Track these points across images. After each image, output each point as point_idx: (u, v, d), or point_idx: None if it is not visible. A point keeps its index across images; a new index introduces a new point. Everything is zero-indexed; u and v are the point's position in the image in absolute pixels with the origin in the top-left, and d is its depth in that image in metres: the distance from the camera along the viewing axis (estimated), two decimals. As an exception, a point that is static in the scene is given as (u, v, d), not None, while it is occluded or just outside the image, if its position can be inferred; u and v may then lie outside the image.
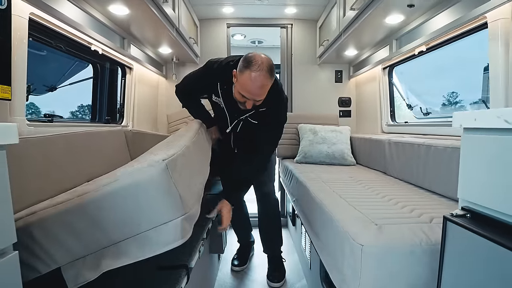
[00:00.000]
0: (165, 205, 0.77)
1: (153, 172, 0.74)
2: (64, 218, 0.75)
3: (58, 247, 0.76)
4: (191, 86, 1.71)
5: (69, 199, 0.75)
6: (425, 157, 1.48)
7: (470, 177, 0.70)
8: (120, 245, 0.77)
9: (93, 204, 0.74)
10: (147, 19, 1.82)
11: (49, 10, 1.30)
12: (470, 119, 0.68)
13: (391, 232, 0.87)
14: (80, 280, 0.76)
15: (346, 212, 1.07)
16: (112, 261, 0.77)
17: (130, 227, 0.76)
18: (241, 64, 1.36)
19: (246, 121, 1.61)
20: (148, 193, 0.75)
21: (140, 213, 0.76)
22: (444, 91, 2.16)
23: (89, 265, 0.77)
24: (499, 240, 0.58)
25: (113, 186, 0.74)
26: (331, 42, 2.45)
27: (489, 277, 0.60)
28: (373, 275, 0.83)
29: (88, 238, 0.76)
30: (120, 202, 0.74)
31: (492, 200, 0.64)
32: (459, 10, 1.46)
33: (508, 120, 0.58)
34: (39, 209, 0.76)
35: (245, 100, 1.39)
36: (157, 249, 0.78)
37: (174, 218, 0.78)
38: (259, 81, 1.32)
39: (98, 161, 1.54)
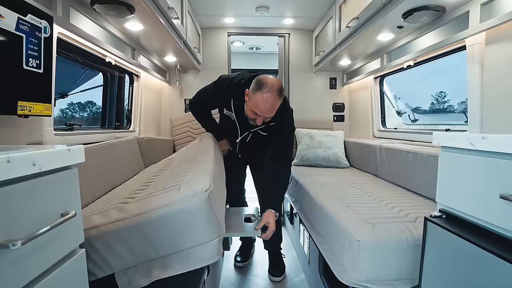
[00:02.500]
0: (206, 228, 0.92)
1: (199, 201, 0.89)
2: (122, 234, 0.89)
3: (114, 257, 0.90)
4: (204, 102, 1.88)
5: (126, 218, 0.90)
6: (413, 163, 1.66)
7: (445, 185, 0.87)
8: (166, 259, 0.92)
9: (147, 224, 0.89)
10: (158, 32, 1.95)
11: (73, 29, 1.42)
12: (446, 139, 0.85)
13: (383, 230, 1.04)
14: (133, 285, 0.91)
15: (344, 213, 1.23)
16: (160, 271, 0.91)
17: (176, 245, 0.91)
18: (253, 85, 1.52)
19: (256, 133, 1.77)
20: (194, 218, 0.90)
21: (186, 234, 0.90)
22: (434, 91, 2.33)
23: (140, 274, 0.91)
24: (467, 237, 0.75)
25: (166, 210, 0.88)
26: (327, 53, 2.62)
27: (459, 266, 0.77)
28: (369, 265, 1.00)
29: (140, 251, 0.91)
30: (170, 224, 0.89)
31: (462, 204, 0.81)
32: (443, 33, 1.64)
33: (473, 143, 0.75)
34: (99, 224, 0.90)
35: (256, 117, 1.55)
36: (197, 264, 0.93)
37: (212, 239, 0.93)
38: (269, 102, 1.47)
39: (119, 169, 1.68)
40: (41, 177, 0.57)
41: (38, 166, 0.55)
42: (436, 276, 0.86)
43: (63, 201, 0.64)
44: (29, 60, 0.96)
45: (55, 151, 0.60)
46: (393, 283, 0.99)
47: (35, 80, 1.00)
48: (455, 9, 1.48)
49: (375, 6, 1.63)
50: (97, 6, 1.44)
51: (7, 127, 1.05)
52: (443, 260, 0.84)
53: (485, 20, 1.31)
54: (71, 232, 0.67)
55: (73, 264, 0.68)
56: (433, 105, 2.37)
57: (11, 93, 0.91)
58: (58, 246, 0.63)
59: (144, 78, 2.56)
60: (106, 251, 0.89)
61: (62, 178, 0.64)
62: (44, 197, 0.58)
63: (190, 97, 3.11)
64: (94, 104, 2.83)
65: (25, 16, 0.93)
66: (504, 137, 0.67)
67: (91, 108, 2.95)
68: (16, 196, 0.51)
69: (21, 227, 0.52)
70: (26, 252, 0.53)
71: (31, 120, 1.18)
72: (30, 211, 0.55)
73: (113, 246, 0.89)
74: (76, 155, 0.68)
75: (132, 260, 0.91)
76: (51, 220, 0.58)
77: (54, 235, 0.60)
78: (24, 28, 0.93)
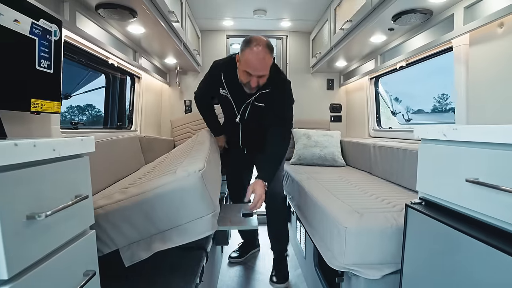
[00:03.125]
0: (200, 204, 1.01)
1: (193, 180, 0.98)
2: (124, 213, 0.98)
3: (119, 234, 0.99)
4: (202, 90, 1.90)
5: (127, 198, 0.99)
6: (403, 159, 1.73)
7: (424, 174, 0.95)
8: (165, 233, 1.01)
9: (147, 203, 0.98)
10: (159, 35, 2.03)
11: (79, 33, 1.50)
12: (423, 132, 0.93)
13: (369, 218, 1.12)
14: (135, 258, 1.00)
15: (335, 204, 1.31)
16: (160, 244, 1.01)
17: (174, 220, 1.00)
18: (242, 45, 1.52)
19: (253, 106, 1.70)
20: (189, 195, 0.99)
21: (182, 210, 1.00)
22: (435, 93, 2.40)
23: (142, 247, 1.00)
24: (442, 219, 0.82)
25: (163, 189, 0.98)
26: (323, 54, 2.71)
27: (436, 246, 0.84)
28: (355, 250, 1.07)
29: (142, 227, 1.00)
30: (167, 201, 0.98)
31: (437, 191, 0.88)
32: (431, 35, 1.72)
33: (446, 134, 0.83)
34: (104, 204, 0.99)
35: (250, 78, 1.51)
36: (193, 237, 1.02)
37: (206, 214, 1.03)
38: (260, 54, 1.45)
39: (121, 164, 1.75)
40: (60, 162, 0.65)
41: (58, 152, 0.62)
42: (416, 257, 0.93)
43: (77, 185, 0.72)
44: (41, 61, 1.04)
45: (71, 140, 0.68)
46: (378, 266, 1.06)
47: (46, 80, 1.08)
48: (441, 12, 1.56)
49: (366, 9, 1.71)
50: (102, 11, 1.52)
51: (20, 123, 1.13)
52: (422, 243, 0.91)
53: (468, 22, 1.39)
54: (83, 213, 0.74)
55: (84, 242, 0.76)
56: (435, 107, 2.44)
57: (25, 91, 0.99)
58: (72, 224, 0.70)
59: (145, 79, 2.64)
60: (112, 229, 0.98)
61: (76, 165, 0.71)
62: (62, 179, 0.66)
63: (190, 98, 3.23)
64: (94, 107, 2.91)
65: (38, 21, 1.01)
66: (471, 128, 0.74)
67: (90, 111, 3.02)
68: (40, 176, 0.59)
69: (44, 203, 0.60)
70: (47, 225, 0.61)
71: (41, 117, 1.26)
72: (51, 190, 0.62)
73: (117, 224, 0.98)
74: (87, 145, 0.76)
75: (134, 236, 1.00)
76: (67, 200, 0.66)
77: (69, 214, 0.68)
78: (37, 31, 1.01)
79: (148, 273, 1.11)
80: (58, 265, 0.64)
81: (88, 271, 0.76)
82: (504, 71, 1.28)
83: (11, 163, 0.52)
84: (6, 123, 1.02)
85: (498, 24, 1.27)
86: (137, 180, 1.26)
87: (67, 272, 0.68)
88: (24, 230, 0.55)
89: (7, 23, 0.89)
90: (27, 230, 0.56)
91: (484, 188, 0.68)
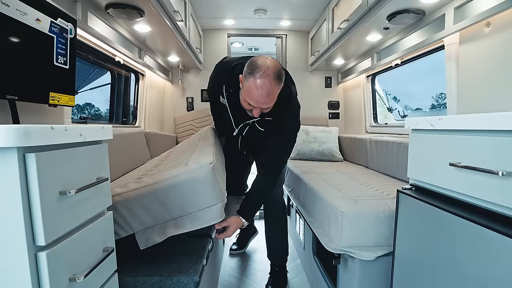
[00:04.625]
0: (211, 194, 1.09)
1: (205, 171, 1.06)
2: (141, 200, 1.06)
3: (135, 219, 1.07)
4: (209, 86, 1.72)
5: (143, 187, 1.07)
6: (397, 152, 1.81)
7: (414, 162, 1.03)
8: (178, 220, 1.09)
9: (162, 191, 1.06)
10: (164, 33, 2.10)
11: (90, 31, 1.57)
12: (413, 123, 1.01)
13: (364, 204, 1.20)
14: (150, 242, 1.08)
15: (333, 193, 1.39)
16: (173, 230, 1.09)
17: (186, 208, 1.08)
18: (245, 69, 1.27)
19: (253, 127, 1.53)
20: (200, 185, 1.07)
21: (194, 199, 1.07)
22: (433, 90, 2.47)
23: (156, 232, 1.08)
24: (430, 202, 0.90)
25: (176, 179, 1.06)
26: (322, 53, 2.79)
27: (425, 227, 0.93)
28: (351, 233, 1.16)
29: (156, 214, 1.08)
30: (180, 191, 1.06)
31: (425, 176, 0.96)
32: (425, 34, 1.80)
33: (432, 124, 0.91)
34: (121, 192, 1.07)
35: (252, 108, 1.32)
36: (204, 224, 1.10)
37: (216, 203, 1.10)
38: (265, 88, 1.22)
39: (128, 158, 1.84)
40: (85, 146, 0.73)
41: (84, 137, 0.70)
42: (407, 239, 1.01)
43: (98, 168, 0.80)
44: (58, 57, 1.12)
45: (94, 127, 0.76)
46: (372, 249, 1.15)
47: (63, 75, 1.16)
48: (433, 12, 1.64)
49: (362, 9, 1.79)
50: (111, 10, 1.59)
51: (38, 115, 1.20)
52: (412, 225, 0.99)
53: (458, 22, 1.47)
54: (102, 194, 0.82)
55: (103, 222, 0.84)
56: (433, 106, 2.52)
57: (45, 85, 1.07)
58: (94, 204, 0.78)
59: (148, 77, 2.72)
60: (128, 214, 1.06)
61: (97, 150, 0.79)
62: (86, 162, 0.74)
63: (192, 95, 3.31)
64: (93, 106, 2.97)
65: (56, 20, 1.09)
66: (454, 117, 0.82)
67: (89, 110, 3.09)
68: (70, 158, 0.67)
69: (72, 182, 0.67)
70: (74, 202, 0.68)
71: (55, 111, 1.33)
72: (78, 171, 0.70)
73: (133, 210, 1.06)
74: (107, 133, 0.84)
75: (149, 221, 1.08)
76: (91, 180, 0.74)
77: (92, 195, 0.76)
78: (55, 30, 1.08)
79: (162, 255, 1.21)
80: (82, 239, 0.72)
81: (107, 247, 0.84)
82: (490, 68, 1.36)
83: (49, 144, 0.60)
84: (23, 115, 1.10)
85: (485, 23, 1.35)
86: (149, 172, 1.34)
87: (89, 247, 0.76)
88: (57, 204, 0.63)
89: (30, 22, 0.97)
90: (59, 205, 0.64)
91: (464, 170, 0.77)
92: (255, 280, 2.02)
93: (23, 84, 0.98)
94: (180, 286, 1.03)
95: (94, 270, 0.72)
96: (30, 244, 0.57)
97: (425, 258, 0.91)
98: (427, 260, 0.90)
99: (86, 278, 0.69)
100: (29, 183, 0.57)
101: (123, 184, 1.14)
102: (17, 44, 0.94)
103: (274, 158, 1.51)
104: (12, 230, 0.56)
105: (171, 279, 1.04)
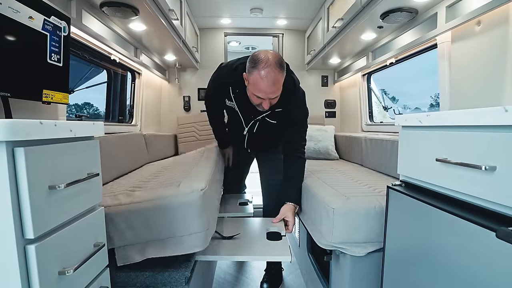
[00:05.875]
0: (198, 221, 1.08)
1: (194, 197, 1.06)
2: (126, 216, 1.05)
3: (117, 234, 1.05)
4: (209, 97, 1.79)
5: (132, 202, 1.06)
6: (391, 150, 1.83)
7: (404, 158, 1.04)
8: (160, 241, 1.07)
9: (149, 210, 1.05)
10: (159, 32, 2.11)
11: (85, 29, 1.57)
12: (403, 120, 1.02)
13: (355, 200, 1.21)
14: (129, 260, 1.05)
15: (325, 190, 1.40)
16: (154, 251, 1.06)
17: (170, 231, 1.06)
18: (248, 65, 1.34)
19: (264, 121, 1.61)
20: (188, 210, 1.06)
21: (179, 223, 1.06)
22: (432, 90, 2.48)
23: (136, 250, 1.05)
24: (419, 197, 0.91)
25: (166, 200, 1.05)
26: (317, 51, 2.80)
27: (414, 223, 0.94)
28: (342, 229, 1.17)
29: (140, 232, 1.06)
30: (168, 213, 1.05)
31: (414, 172, 0.98)
32: (418, 33, 1.81)
33: (421, 121, 0.92)
34: (107, 205, 1.05)
35: (261, 101, 1.38)
36: (186, 250, 1.08)
37: (201, 231, 1.08)
38: (270, 78, 1.28)
39: (126, 159, 1.86)
40: (75, 142, 0.74)
41: (74, 132, 0.71)
42: (397, 234, 1.03)
43: (89, 164, 0.80)
44: (52, 55, 1.13)
45: (85, 123, 0.77)
46: (363, 244, 1.16)
47: (56, 72, 1.16)
48: (426, 11, 1.65)
49: (356, 8, 1.80)
50: (106, 8, 1.60)
51: (31, 112, 1.21)
52: (401, 220, 1.00)
53: (450, 20, 1.48)
54: (93, 190, 0.83)
55: (95, 217, 0.85)
56: (431, 105, 2.53)
57: (38, 82, 1.08)
58: (85, 199, 0.79)
59: (145, 75, 2.72)
60: (112, 229, 1.04)
61: (88, 146, 0.80)
62: (76, 157, 0.75)
63: (189, 94, 3.32)
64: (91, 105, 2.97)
65: (49, 18, 1.09)
66: (441, 113, 0.84)
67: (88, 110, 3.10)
68: (60, 153, 0.68)
69: (62, 177, 0.68)
70: (64, 197, 0.69)
71: (49, 108, 1.34)
72: (68, 166, 0.71)
73: (118, 224, 1.04)
74: (98, 129, 0.85)
75: (132, 239, 1.06)
76: (82, 176, 0.75)
77: (83, 189, 0.77)
78: (49, 27, 1.09)
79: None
80: (73, 233, 0.73)
81: (98, 242, 0.85)
82: (482, 66, 1.38)
83: (38, 138, 0.61)
84: (17, 112, 1.11)
85: (476, 22, 1.36)
86: (142, 184, 1.33)
87: (80, 241, 0.77)
88: (46, 198, 0.64)
89: (23, 20, 0.97)
90: (49, 199, 0.65)
91: (450, 166, 0.78)
92: (250, 278, 2.03)
93: (16, 81, 0.99)
94: (172, 281, 1.04)
95: (84, 264, 0.73)
96: (19, 237, 0.58)
97: (415, 253, 0.92)
98: (416, 255, 0.91)
99: (76, 272, 0.69)
100: (18, 177, 0.57)
101: (115, 195, 1.13)
102: (10, 42, 0.95)
103: (295, 144, 1.63)
104: (1, 223, 0.57)
105: (162, 274, 1.05)
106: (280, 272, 1.98)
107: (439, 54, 1.67)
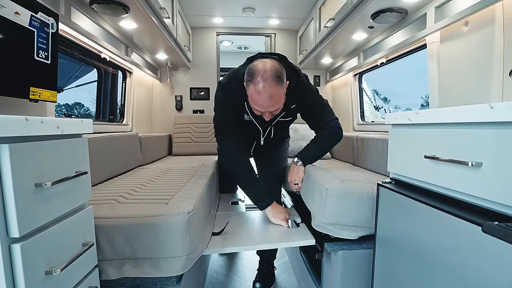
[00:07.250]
0: (180, 244, 1.03)
1: (179, 220, 1.03)
2: (107, 230, 1.00)
3: (97, 248, 0.98)
4: (224, 111, 1.51)
5: (114, 217, 1.02)
6: (381, 149, 1.85)
7: (394, 156, 1.05)
8: (139, 261, 1.02)
9: (132, 228, 1.01)
10: (150, 30, 2.09)
11: (74, 26, 1.55)
12: (392, 118, 1.03)
13: (349, 184, 1.24)
14: (103, 276, 1.00)
15: (321, 173, 1.42)
16: (132, 270, 1.01)
17: (151, 251, 1.02)
18: (246, 77, 1.28)
19: (278, 123, 1.59)
20: (172, 233, 1.02)
21: (161, 245, 1.02)
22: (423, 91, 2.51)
23: (114, 267, 1.01)
24: (410, 195, 0.92)
25: (150, 220, 1.01)
26: (309, 51, 2.81)
27: (404, 219, 0.95)
28: (333, 211, 1.20)
29: (119, 249, 1.01)
30: (151, 232, 1.01)
31: (403, 169, 0.99)
32: (408, 33, 1.84)
33: (410, 119, 0.93)
34: (94, 216, 0.98)
35: (261, 113, 1.34)
36: (163, 273, 1.02)
37: (182, 255, 1.04)
38: (265, 92, 1.23)
39: (118, 161, 1.85)
40: (63, 139, 0.72)
41: (61, 129, 0.70)
42: (387, 231, 1.04)
43: (77, 162, 0.79)
44: (39, 52, 1.11)
45: (73, 120, 0.76)
46: (353, 228, 1.19)
47: (44, 70, 1.14)
48: (416, 11, 1.67)
49: (347, 8, 1.82)
50: (95, 6, 1.58)
51: (18, 110, 1.19)
52: (392, 217, 1.01)
53: (439, 21, 1.51)
54: (82, 188, 0.82)
55: (83, 216, 0.83)
56: (423, 106, 2.57)
57: (24, 80, 1.05)
58: (73, 197, 0.78)
59: (136, 74, 2.70)
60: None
61: (76, 143, 0.79)
62: (64, 155, 0.73)
63: (181, 94, 3.30)
64: (82, 105, 2.93)
65: (36, 14, 1.07)
66: (429, 111, 0.85)
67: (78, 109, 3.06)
68: (46, 150, 0.67)
69: (49, 175, 0.67)
70: (52, 195, 0.68)
71: (37, 106, 1.32)
72: (55, 164, 0.70)
73: (98, 238, 0.99)
74: (86, 126, 0.83)
75: (109, 255, 1.01)
76: (69, 174, 0.74)
77: (71, 187, 0.75)
78: (36, 24, 1.07)
79: None
80: (60, 232, 0.72)
81: (87, 242, 0.84)
82: (469, 66, 1.40)
83: (23, 135, 0.60)
84: (4, 110, 1.09)
85: (464, 22, 1.39)
86: (131, 193, 1.31)
87: (68, 240, 0.76)
88: (32, 196, 0.63)
89: (9, 15, 0.95)
90: (35, 197, 0.63)
91: (438, 163, 0.79)
92: (242, 277, 2.02)
93: (1, 78, 0.97)
94: (162, 281, 1.03)
95: (72, 264, 0.72)
96: (4, 236, 0.57)
97: (404, 249, 0.93)
98: (406, 251, 0.92)
99: (64, 271, 0.68)
100: (2, 174, 0.56)
101: (98, 204, 1.10)
102: (-5, 38, 0.93)
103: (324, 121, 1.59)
104: (-15, 222, 0.56)
105: (153, 274, 1.03)
106: (272, 271, 1.98)
107: (429, 54, 1.69)
